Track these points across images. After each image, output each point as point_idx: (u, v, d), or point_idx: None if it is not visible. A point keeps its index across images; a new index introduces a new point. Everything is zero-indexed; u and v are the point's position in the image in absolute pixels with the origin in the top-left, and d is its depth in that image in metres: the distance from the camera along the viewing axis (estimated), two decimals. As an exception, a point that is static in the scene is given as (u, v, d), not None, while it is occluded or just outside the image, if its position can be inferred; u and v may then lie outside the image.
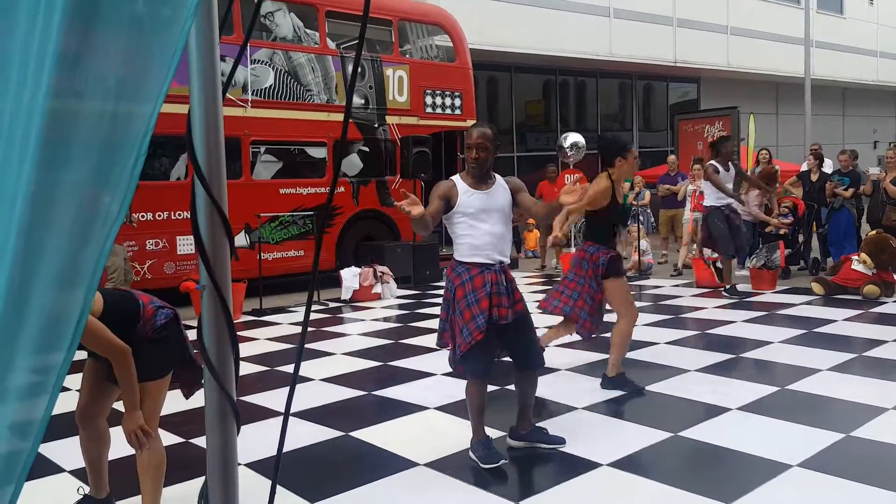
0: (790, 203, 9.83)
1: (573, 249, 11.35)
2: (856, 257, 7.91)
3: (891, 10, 26.06)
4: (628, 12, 17.40)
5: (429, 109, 11.39)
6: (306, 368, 5.50)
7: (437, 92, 11.50)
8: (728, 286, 8.22)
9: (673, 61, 18.58)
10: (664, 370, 5.12)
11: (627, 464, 3.46)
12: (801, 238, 9.98)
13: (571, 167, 11.22)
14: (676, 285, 9.28)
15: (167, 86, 1.15)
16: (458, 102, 11.78)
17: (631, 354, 5.61)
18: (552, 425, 3.99)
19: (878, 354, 5.41)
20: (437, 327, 3.72)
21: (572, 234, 12.16)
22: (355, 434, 4.00)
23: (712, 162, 8.10)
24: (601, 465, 3.46)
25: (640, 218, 11.15)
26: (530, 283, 10.03)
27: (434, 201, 3.43)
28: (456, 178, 3.55)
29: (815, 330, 6.30)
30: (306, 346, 6.37)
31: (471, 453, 3.57)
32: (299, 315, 7.96)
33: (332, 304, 8.62)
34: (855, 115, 26.06)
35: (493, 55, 15.33)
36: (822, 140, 15.25)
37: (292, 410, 4.35)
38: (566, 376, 5.08)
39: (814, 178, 9.83)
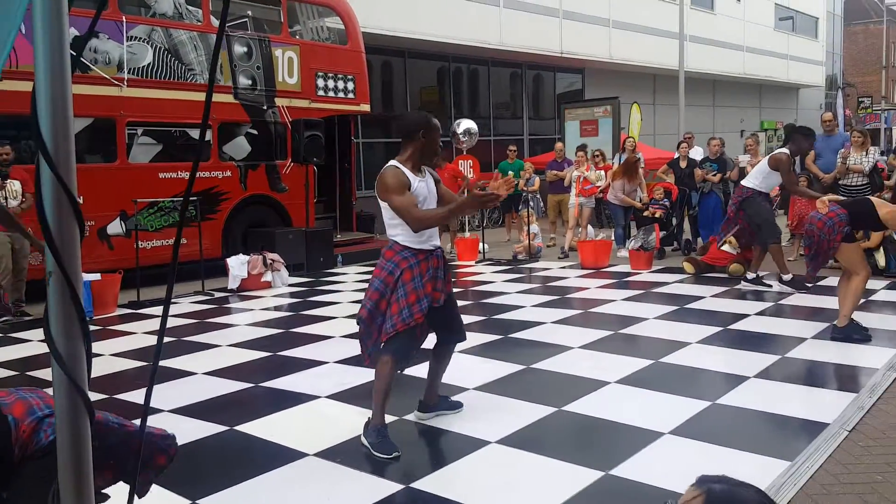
0: (663, 189, 10.38)
1: (467, 234, 11.54)
2: (724, 238, 8.44)
3: (755, 8, 27.93)
4: (518, 3, 17.73)
5: (321, 92, 11.19)
6: (189, 362, 5.31)
7: (330, 75, 11.31)
8: (758, 274, 7.51)
9: (559, 52, 19.11)
10: (550, 348, 5.29)
11: (514, 440, 3.57)
12: (674, 221, 10.57)
13: (465, 153, 11.35)
14: (563, 267, 9.61)
15: (5, 57, 1.07)
16: (350, 86, 11.63)
17: (519, 334, 5.79)
18: (442, 407, 4.06)
19: (742, 327, 5.82)
20: (330, 314, 3.68)
21: (466, 220, 12.33)
22: (241, 428, 3.90)
23: (785, 151, 7.24)
24: (489, 442, 3.55)
25: (531, 203, 11.44)
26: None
27: (405, 193, 3.45)
28: (394, 163, 3.55)
29: (686, 306, 6.71)
30: (190, 338, 6.14)
31: (364, 439, 3.56)
32: (181, 307, 7.65)
33: (217, 294, 8.34)
34: (724, 106, 27.80)
35: (387, 40, 15.25)
36: (695, 129, 16.19)
37: (174, 406, 4.21)
38: (457, 358, 5.15)
39: (682, 164, 10.44)
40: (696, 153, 11.41)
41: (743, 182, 7.58)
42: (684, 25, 17.86)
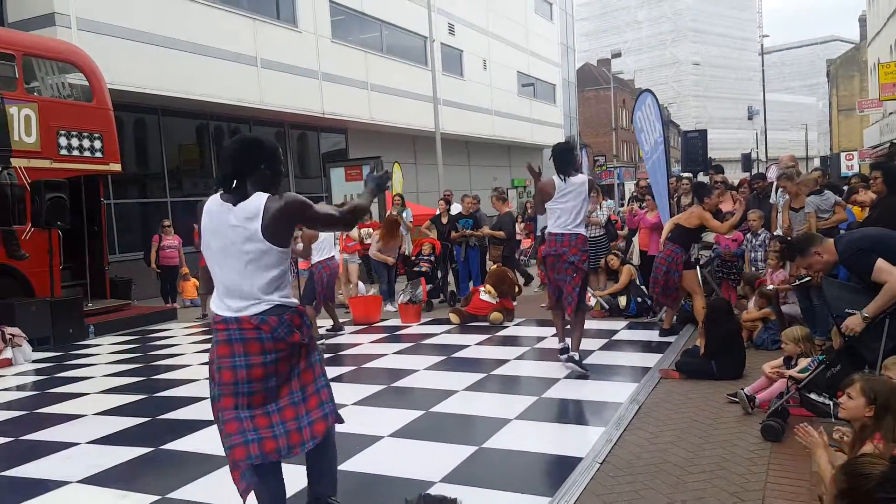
0: (430, 244, 11.00)
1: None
2: (483, 288, 9.15)
3: (500, 75, 30.94)
4: (275, 63, 17.84)
5: (64, 151, 10.34)
6: None
7: (74, 133, 10.50)
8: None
9: (321, 113, 19.51)
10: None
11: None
12: (439, 274, 11.20)
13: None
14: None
15: None
16: (98, 144, 10.88)
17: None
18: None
19: (503, 372, 6.31)
20: (81, 390, 3.40)
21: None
22: (-22, 530, 3.45)
23: None
24: None
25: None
26: (192, 333, 9.60)
27: None
28: None
29: (454, 355, 7.10)
30: None
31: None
32: None
33: (-59, 381, 7.21)
34: (478, 165, 30.16)
35: (138, 97, 14.51)
36: (453, 186, 17.39)
37: None
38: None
39: (444, 220, 11.17)
40: (454, 209, 12.24)
41: None
42: (437, 90, 19.21)
